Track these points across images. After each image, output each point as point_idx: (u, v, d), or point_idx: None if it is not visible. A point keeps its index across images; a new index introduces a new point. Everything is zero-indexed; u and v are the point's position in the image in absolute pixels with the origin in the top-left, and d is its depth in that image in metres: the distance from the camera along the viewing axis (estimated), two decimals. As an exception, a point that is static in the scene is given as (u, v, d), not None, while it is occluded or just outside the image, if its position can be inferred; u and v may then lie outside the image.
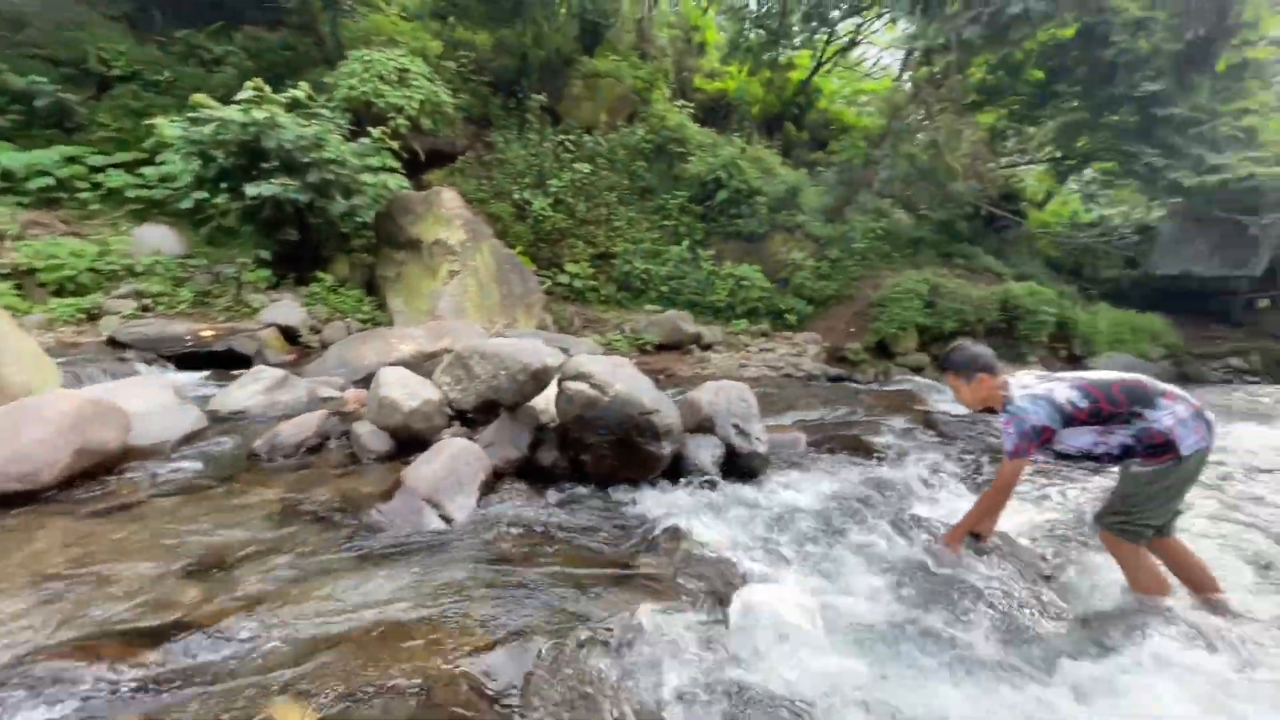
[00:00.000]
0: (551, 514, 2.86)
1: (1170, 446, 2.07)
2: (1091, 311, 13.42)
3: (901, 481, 3.49)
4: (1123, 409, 2.14)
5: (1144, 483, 2.13)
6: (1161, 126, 12.01)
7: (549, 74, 13.97)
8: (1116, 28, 10.28)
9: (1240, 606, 2.23)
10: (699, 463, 3.29)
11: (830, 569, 2.43)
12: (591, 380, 3.21)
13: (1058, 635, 2.07)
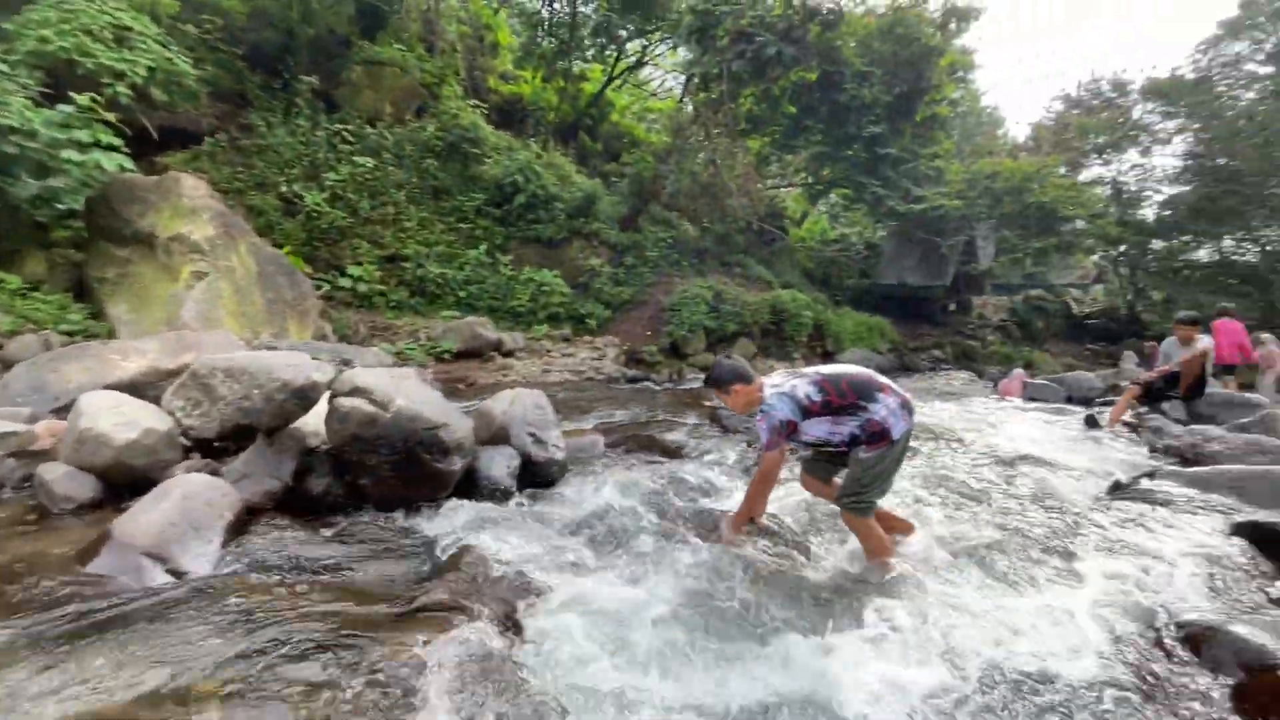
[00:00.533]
0: (323, 550, 2.52)
1: (885, 433, 2.47)
2: (839, 314, 15.84)
3: (692, 476, 3.74)
4: (850, 401, 2.49)
5: (869, 466, 2.52)
6: (882, 163, 14.66)
7: (321, 55, 12.57)
8: (847, 77, 12.34)
9: (936, 538, 2.81)
10: (493, 476, 3.17)
11: (626, 569, 2.49)
12: (370, 395, 2.91)
13: (821, 597, 2.36)
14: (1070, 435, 5.51)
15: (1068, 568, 2.55)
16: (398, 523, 2.85)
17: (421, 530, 2.78)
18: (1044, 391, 8.06)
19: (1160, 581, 2.41)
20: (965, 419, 5.92)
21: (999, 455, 4.44)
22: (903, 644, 2.02)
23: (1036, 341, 18.11)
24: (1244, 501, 3.24)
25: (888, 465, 2.55)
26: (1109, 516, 3.14)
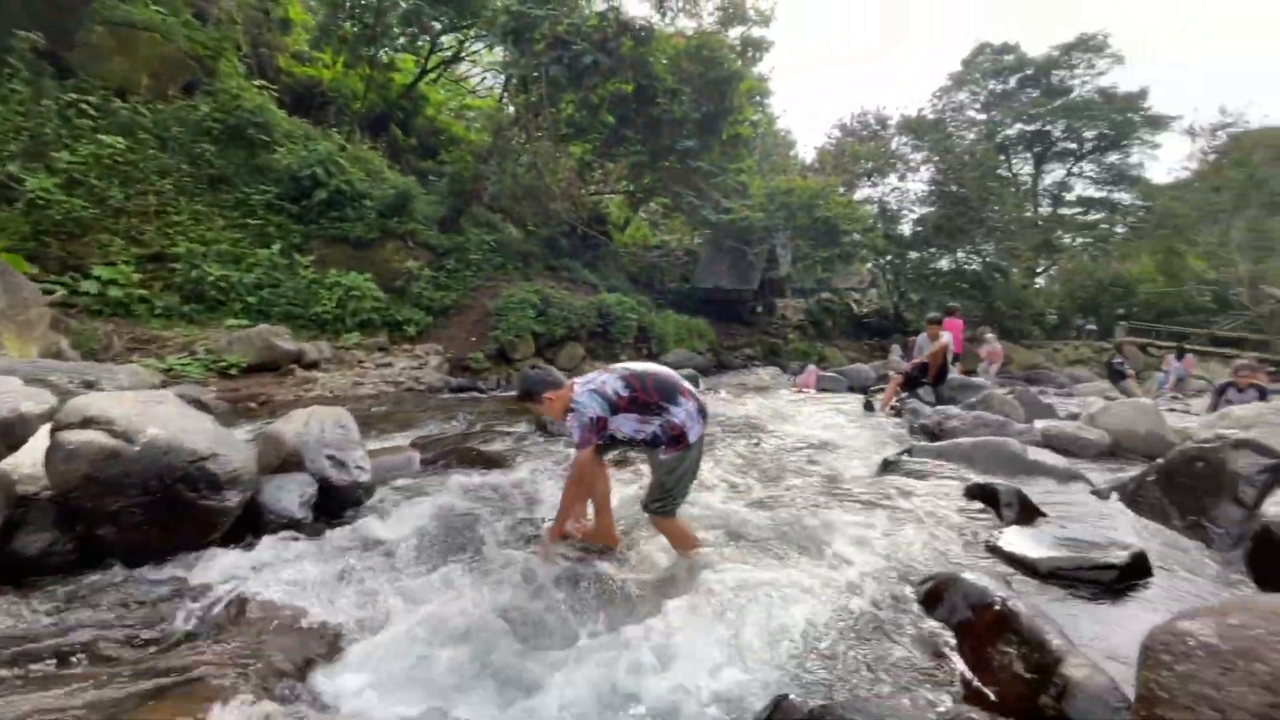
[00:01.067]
0: (38, 625, 2.02)
1: (683, 436, 2.57)
2: (662, 317, 16.63)
3: (516, 486, 3.65)
4: (655, 400, 2.56)
5: (670, 468, 2.62)
6: (695, 175, 15.70)
7: (48, 8, 10.23)
8: (660, 93, 13.02)
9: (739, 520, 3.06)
10: (282, 508, 2.79)
11: (434, 593, 2.34)
12: (109, 426, 2.40)
13: (634, 597, 2.43)
14: (852, 420, 6.34)
15: (843, 537, 2.91)
16: (152, 576, 2.38)
17: (186, 582, 2.35)
18: (832, 383, 9.25)
19: (914, 543, 2.86)
20: (769, 411, 6.54)
21: (795, 442, 4.96)
22: (703, 633, 2.15)
23: (827, 338, 20.67)
24: (973, 467, 3.98)
25: (688, 466, 2.66)
26: (877, 490, 3.66)
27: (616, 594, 2.43)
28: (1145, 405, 5.12)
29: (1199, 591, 2.38)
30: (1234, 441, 2.95)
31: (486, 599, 2.32)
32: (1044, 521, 2.93)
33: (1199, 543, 2.79)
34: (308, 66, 15.75)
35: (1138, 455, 4.82)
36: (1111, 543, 2.56)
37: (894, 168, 23.84)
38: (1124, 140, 28.47)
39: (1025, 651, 1.75)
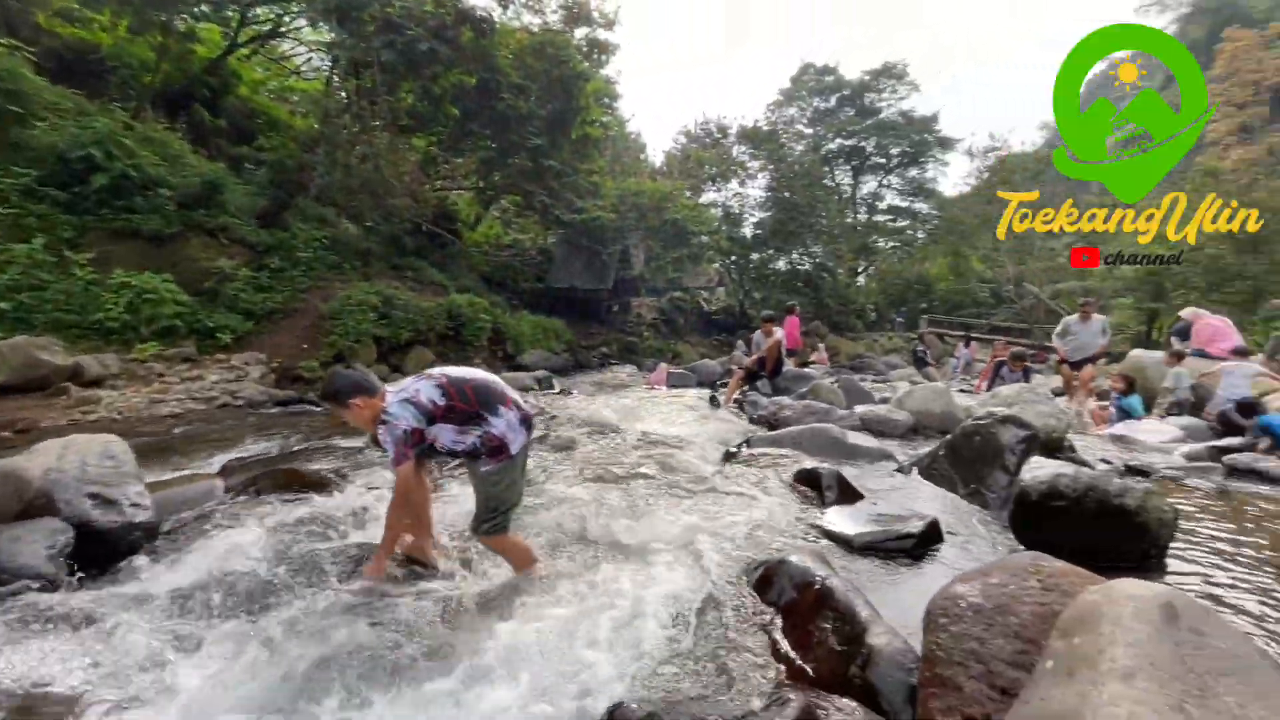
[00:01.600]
0: None
1: (504, 448, 2.42)
2: (517, 317, 16.27)
3: (342, 510, 3.30)
4: (473, 408, 2.39)
5: (493, 482, 2.47)
6: (546, 174, 15.53)
7: None
8: (504, 88, 12.68)
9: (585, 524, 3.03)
10: (22, 564, 2.25)
11: (226, 648, 2.02)
12: None
13: (464, 623, 2.28)
14: (699, 415, 6.61)
15: (685, 532, 3.00)
16: None
17: None
18: (682, 380, 9.62)
19: (750, 530, 3.01)
20: (622, 410, 6.62)
21: (644, 439, 5.05)
22: (542, 647, 2.08)
23: (680, 335, 21.54)
24: (803, 452, 4.31)
25: (513, 479, 2.53)
26: (718, 481, 3.82)
27: (450, 618, 2.27)
28: (939, 389, 5.90)
29: (977, 550, 2.75)
30: (1001, 417, 3.46)
31: (295, 640, 2.05)
32: (860, 499, 3.23)
33: (978, 507, 3.24)
34: (78, 28, 13.25)
35: (934, 432, 5.53)
36: (912, 514, 2.88)
37: (735, 174, 25.45)
38: (921, 157, 32.90)
39: (839, 625, 1.89)
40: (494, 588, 2.55)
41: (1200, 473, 4.01)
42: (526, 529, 3.11)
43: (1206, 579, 2.49)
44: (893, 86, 33.08)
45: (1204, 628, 0.99)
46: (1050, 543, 2.66)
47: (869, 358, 22.60)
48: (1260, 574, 2.54)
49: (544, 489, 3.72)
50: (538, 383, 8.36)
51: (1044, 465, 2.72)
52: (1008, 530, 2.92)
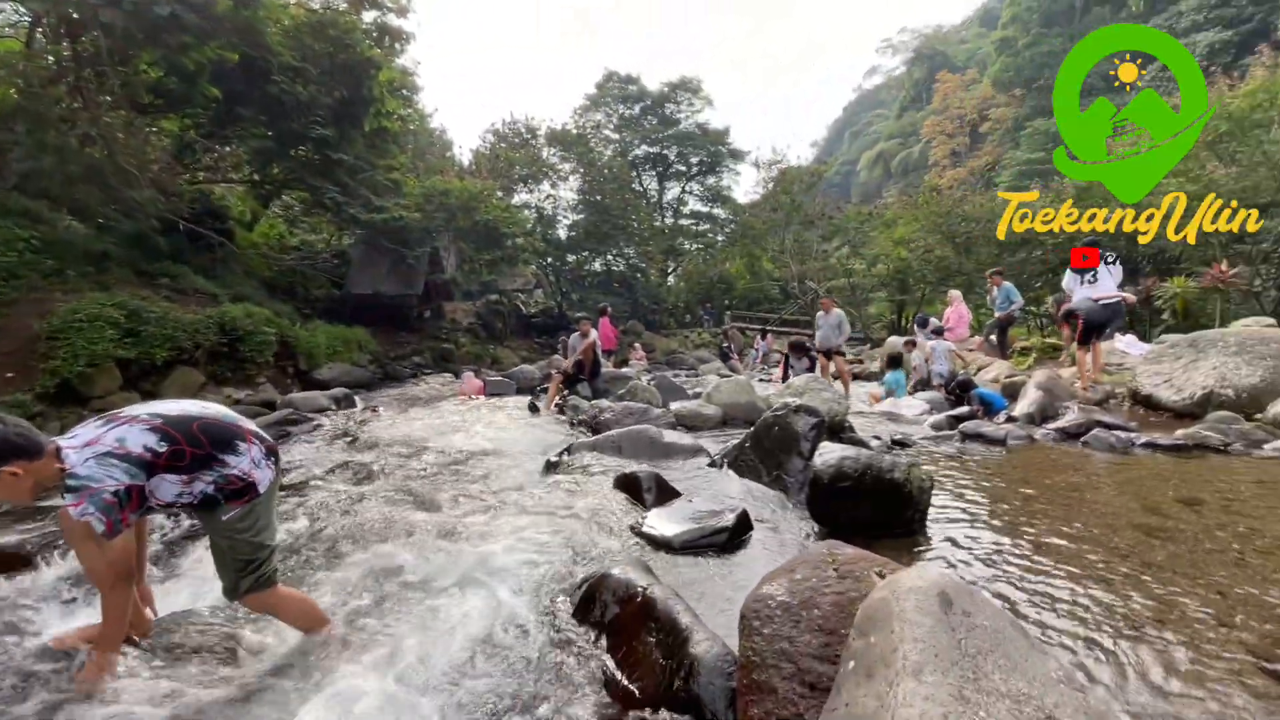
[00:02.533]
0: None
1: (251, 488, 2.07)
2: (310, 328, 14.50)
3: (48, 593, 2.57)
4: (205, 450, 1.99)
5: (242, 528, 2.07)
6: (337, 169, 14.01)
7: None
8: (276, 68, 11.13)
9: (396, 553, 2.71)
10: None
11: None
12: None
13: (255, 697, 1.90)
14: (520, 423, 6.40)
15: (504, 553, 2.82)
16: None
17: None
18: (500, 387, 9.28)
19: (572, 542, 2.93)
20: (435, 425, 6.16)
21: (460, 455, 4.74)
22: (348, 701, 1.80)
23: (499, 340, 20.92)
24: (624, 455, 4.35)
25: (267, 519, 2.17)
26: (540, 493, 3.69)
27: (220, 709, 1.86)
28: (742, 382, 6.39)
29: (783, 535, 2.96)
30: (795, 407, 3.80)
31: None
32: (677, 499, 3.32)
33: (780, 493, 3.52)
34: None
35: (741, 422, 5.97)
36: (724, 507, 3.02)
37: (547, 176, 25.39)
38: (717, 167, 35.76)
39: (662, 638, 1.88)
40: (271, 666, 2.14)
41: (944, 440, 4.82)
42: (318, 583, 2.69)
43: (957, 530, 2.96)
44: (689, 99, 35.49)
45: (970, 608, 1.12)
46: (840, 518, 2.98)
47: (681, 353, 24.03)
48: (991, 516, 3.10)
49: (340, 526, 3.28)
50: (335, 403, 7.47)
51: (831, 450, 3.02)
52: (805, 511, 3.19)
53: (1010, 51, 48.06)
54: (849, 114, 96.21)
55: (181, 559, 3.07)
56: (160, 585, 2.78)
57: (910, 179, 53.72)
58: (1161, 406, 6.17)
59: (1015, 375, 7.81)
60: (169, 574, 2.95)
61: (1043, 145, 38.63)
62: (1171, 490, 3.52)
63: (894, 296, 22.43)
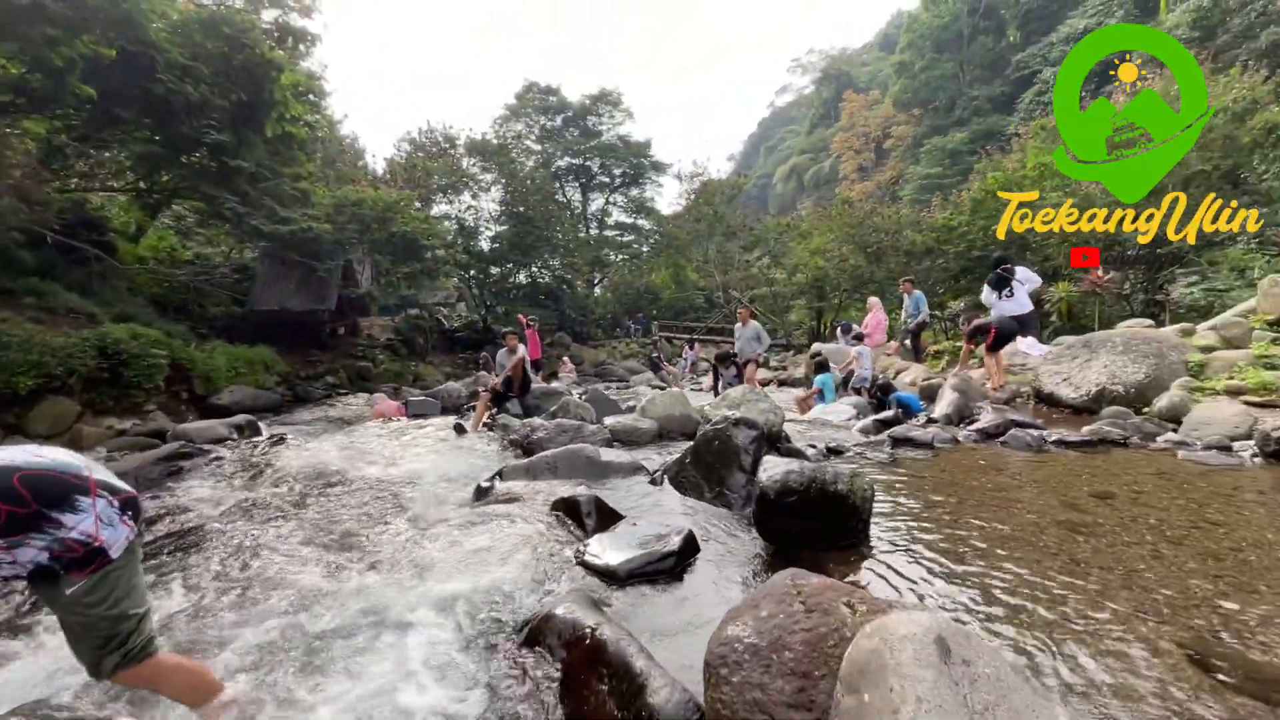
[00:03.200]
0: None
1: (100, 553, 1.67)
2: (208, 349, 13.35)
3: None
4: (30, 508, 1.57)
5: (94, 605, 1.67)
6: (235, 176, 12.98)
7: None
8: (162, 65, 10.17)
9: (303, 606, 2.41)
10: None
11: None
12: None
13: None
14: (446, 446, 6.05)
15: (434, 594, 2.57)
16: None
17: None
18: (423, 406, 8.79)
19: (510, 577, 2.71)
20: (353, 451, 5.71)
21: (381, 486, 4.38)
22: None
23: (420, 356, 20.05)
24: (560, 477, 4.15)
25: (129, 585, 1.76)
26: (470, 523, 3.43)
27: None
28: (676, 394, 6.33)
29: (731, 554, 2.88)
30: (734, 420, 3.74)
31: None
32: (619, 522, 3.17)
33: (724, 509, 3.44)
34: None
35: (678, 435, 5.90)
36: (669, 529, 2.90)
37: (467, 186, 24.71)
38: (640, 178, 36.12)
39: (615, 684, 1.72)
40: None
41: (874, 446, 4.93)
42: (220, 643, 2.35)
43: (899, 537, 2.98)
44: (610, 112, 35.70)
45: (969, 655, 1.06)
46: (788, 533, 2.93)
47: (610, 364, 23.93)
48: (929, 521, 3.15)
49: (243, 576, 2.91)
50: (237, 431, 6.81)
51: (776, 464, 2.97)
52: (752, 527, 3.12)
53: (908, 74, 51.47)
54: (764, 129, 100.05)
55: (36, 620, 2.61)
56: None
57: (823, 192, 56.40)
58: (1062, 403, 6.63)
59: (931, 378, 8.21)
60: (13, 648, 2.49)
61: (939, 161, 41.54)
62: (1086, 485, 3.72)
63: (813, 304, 23.31)
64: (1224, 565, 2.60)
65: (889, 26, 74.92)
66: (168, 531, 3.59)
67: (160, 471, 5.00)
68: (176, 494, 4.44)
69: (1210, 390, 5.58)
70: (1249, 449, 4.33)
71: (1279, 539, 2.85)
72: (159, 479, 4.95)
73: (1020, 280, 7.71)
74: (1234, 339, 6.34)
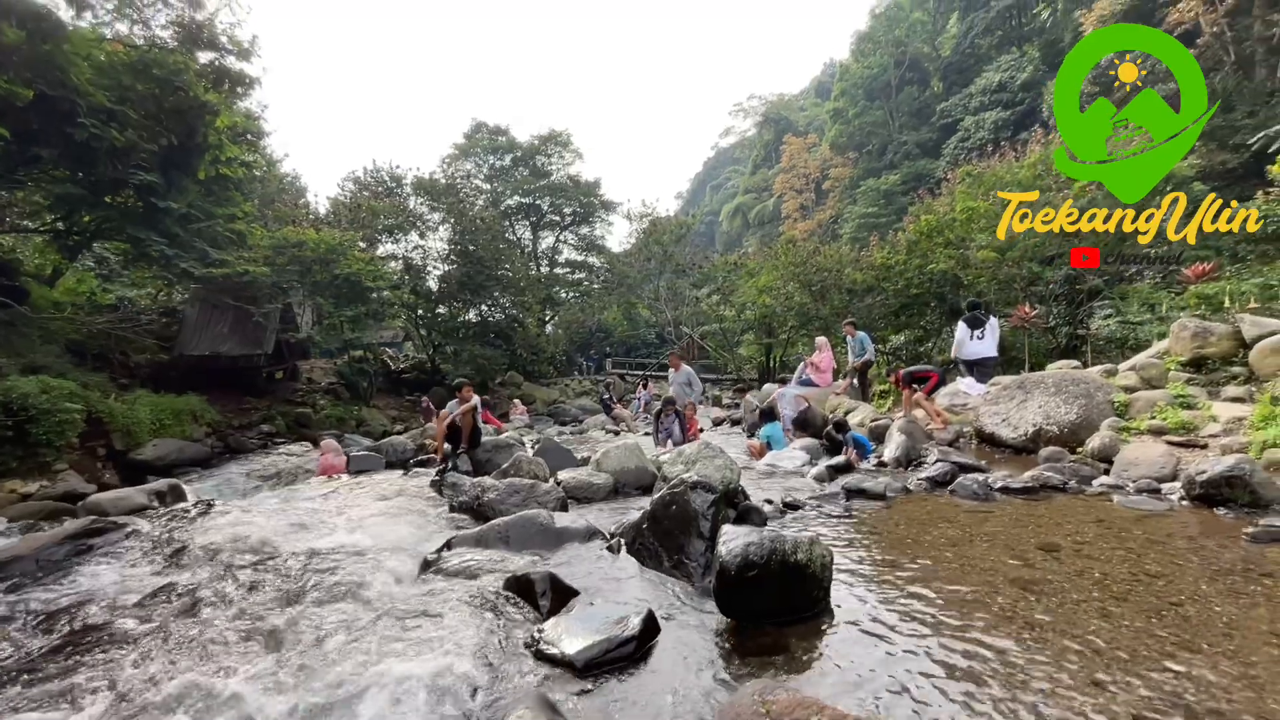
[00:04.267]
0: None
1: None
2: (130, 400, 12.51)
3: None
4: None
5: None
6: (164, 217, 12.36)
7: None
8: (85, 110, 9.69)
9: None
10: None
11: None
12: None
13: None
14: (390, 509, 5.75)
15: (371, 697, 2.37)
16: None
17: None
18: (367, 462, 8.38)
19: (460, 673, 2.53)
20: (289, 518, 5.34)
21: (319, 556, 4.09)
22: None
23: (364, 400, 19.28)
24: (512, 549, 3.97)
25: None
26: (416, 603, 3.22)
27: None
28: (631, 445, 6.25)
29: (692, 633, 2.78)
30: (691, 483, 3.69)
31: None
32: (576, 600, 3.03)
33: (684, 580, 3.35)
34: None
35: (633, 489, 5.80)
36: (628, 609, 2.79)
37: (414, 225, 24.34)
38: (590, 217, 36.46)
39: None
40: None
41: (829, 499, 4.96)
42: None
43: (857, 605, 2.95)
44: (560, 152, 36.13)
45: None
46: (749, 609, 2.86)
47: (563, 403, 23.65)
48: (885, 584, 3.14)
49: (152, 688, 2.62)
50: (158, 498, 6.28)
51: (734, 536, 2.91)
52: (711, 600, 3.04)
53: (842, 120, 54.40)
54: (708, 169, 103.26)
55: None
56: None
57: (766, 229, 58.31)
58: (1002, 443, 6.88)
59: (879, 419, 8.41)
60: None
61: (875, 201, 43.70)
62: (1032, 537, 3.82)
63: (762, 339, 23.77)
64: (1166, 622, 2.67)
65: (823, 75, 79.26)
66: (65, 634, 3.22)
67: (66, 552, 4.54)
68: (81, 581, 4.03)
69: (1136, 429, 5.89)
70: (1176, 491, 4.56)
71: (1212, 590, 2.97)
72: (64, 560, 4.49)
73: (991, 327, 8.20)
74: (1152, 379, 6.75)
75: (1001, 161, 16.47)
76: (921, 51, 51.45)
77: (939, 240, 15.08)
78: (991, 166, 16.67)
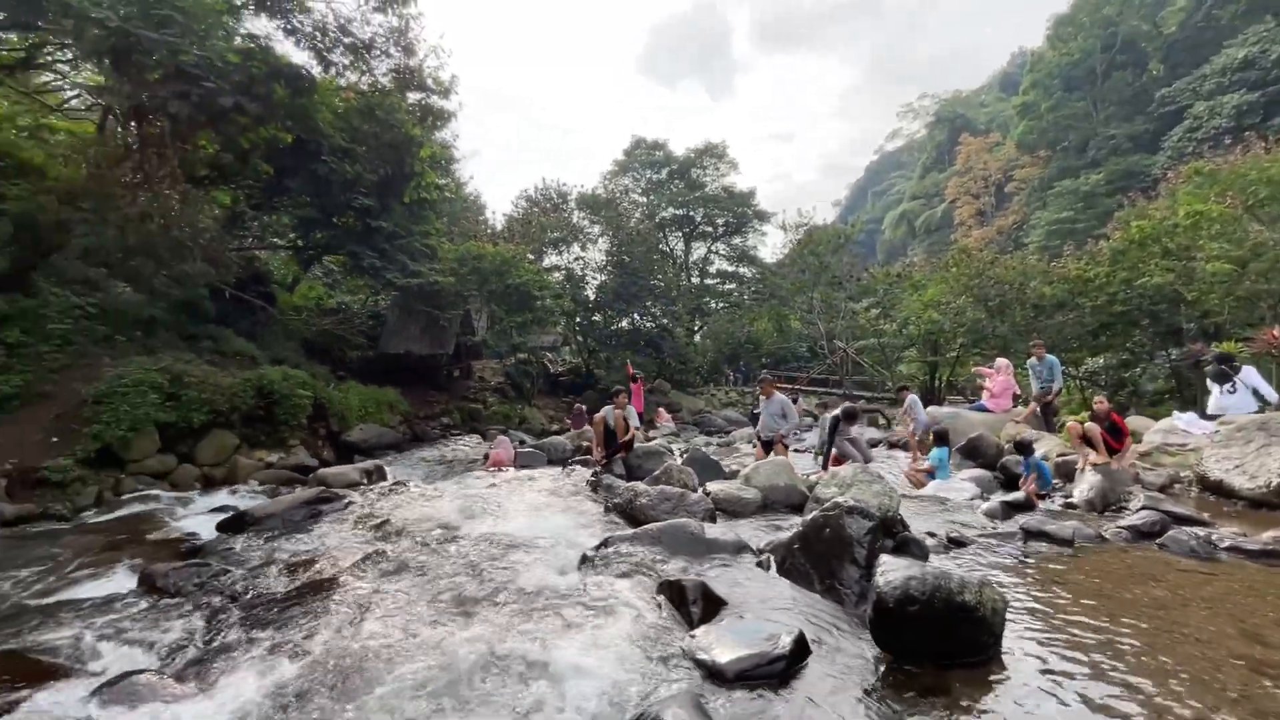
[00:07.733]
0: None
1: None
2: (344, 389, 14.72)
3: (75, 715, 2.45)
4: None
5: None
6: (376, 235, 14.54)
7: None
8: (327, 150, 11.73)
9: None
10: None
11: None
12: None
13: None
14: (552, 503, 6.24)
15: (541, 681, 2.63)
16: None
17: None
18: (530, 458, 9.15)
19: (618, 666, 2.72)
20: (465, 503, 6.03)
21: (487, 544, 4.57)
22: None
23: (526, 399, 20.96)
24: (663, 552, 4.15)
25: None
26: (575, 597, 3.49)
27: None
28: (781, 463, 6.18)
29: (844, 662, 2.73)
30: (847, 508, 3.60)
31: None
32: (725, 611, 3.11)
33: (835, 604, 3.28)
34: None
35: (782, 507, 5.73)
36: (779, 628, 2.80)
37: (576, 238, 26.03)
38: (743, 228, 36.34)
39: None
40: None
41: (1003, 538, 4.52)
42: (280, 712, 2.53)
43: (1034, 662, 2.69)
44: (714, 164, 36.49)
45: None
46: (907, 645, 2.74)
47: (709, 413, 23.75)
48: (1070, 643, 2.82)
49: (364, 640, 3.12)
50: (366, 476, 7.43)
51: (895, 567, 2.81)
52: (866, 629, 2.95)
53: (1033, 115, 48.70)
54: (870, 175, 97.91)
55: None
56: None
57: (934, 238, 53.90)
58: (1234, 494, 5.78)
59: (1067, 454, 7.44)
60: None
61: (1071, 205, 38.57)
62: (1271, 610, 3.19)
63: (926, 358, 22.03)
64: None
65: (1010, 66, 71.69)
66: (304, 582, 3.95)
67: (303, 515, 5.56)
68: (313, 541, 4.90)
69: None
70: None
71: None
72: (301, 521, 5.50)
73: (1245, 375, 7.11)
74: None
75: (1246, 155, 13.76)
76: (1138, 30, 44.53)
77: (1154, 250, 12.97)
78: (1233, 161, 13.98)
